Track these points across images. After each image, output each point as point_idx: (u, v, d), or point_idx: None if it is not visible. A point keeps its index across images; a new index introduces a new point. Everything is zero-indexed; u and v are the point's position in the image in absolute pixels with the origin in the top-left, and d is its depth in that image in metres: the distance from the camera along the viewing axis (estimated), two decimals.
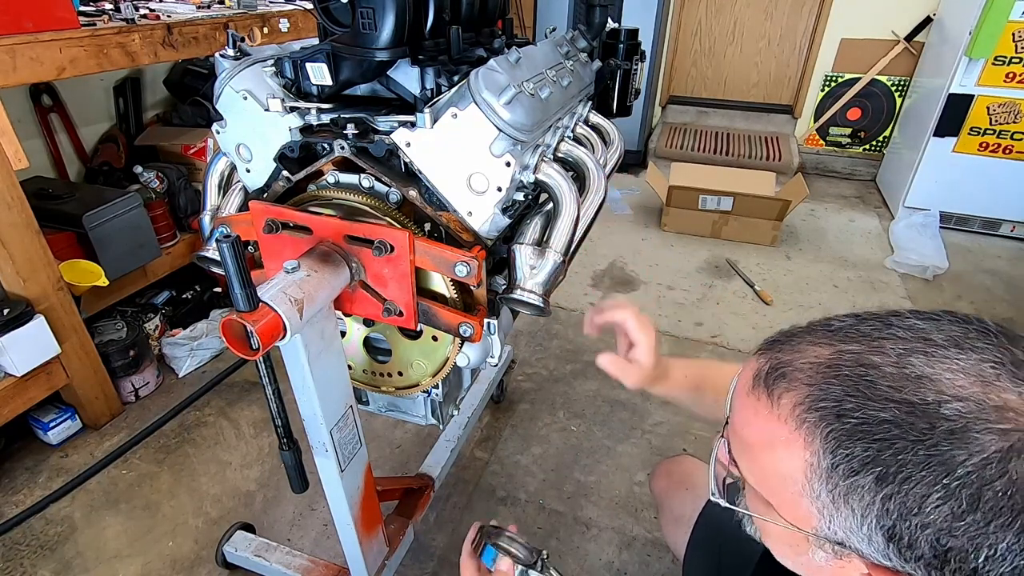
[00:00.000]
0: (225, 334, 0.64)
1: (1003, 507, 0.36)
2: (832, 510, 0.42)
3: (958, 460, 0.36)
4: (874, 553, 0.41)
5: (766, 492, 0.47)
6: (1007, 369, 0.39)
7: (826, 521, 0.43)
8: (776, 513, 0.46)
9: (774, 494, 0.46)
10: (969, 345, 0.40)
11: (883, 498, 0.39)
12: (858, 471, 0.40)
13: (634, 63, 1.24)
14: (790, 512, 0.45)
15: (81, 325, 1.64)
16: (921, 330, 0.42)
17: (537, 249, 0.80)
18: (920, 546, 0.39)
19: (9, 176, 1.37)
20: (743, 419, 0.49)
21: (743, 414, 0.49)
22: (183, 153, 2.09)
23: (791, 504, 0.45)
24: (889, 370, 0.41)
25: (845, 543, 0.43)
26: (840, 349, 0.44)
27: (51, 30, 1.37)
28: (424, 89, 0.86)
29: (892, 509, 0.39)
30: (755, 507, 0.50)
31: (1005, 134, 2.90)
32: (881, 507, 0.39)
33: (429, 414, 1.09)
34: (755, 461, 0.48)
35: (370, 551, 1.12)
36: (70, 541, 1.45)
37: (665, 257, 2.86)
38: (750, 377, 0.49)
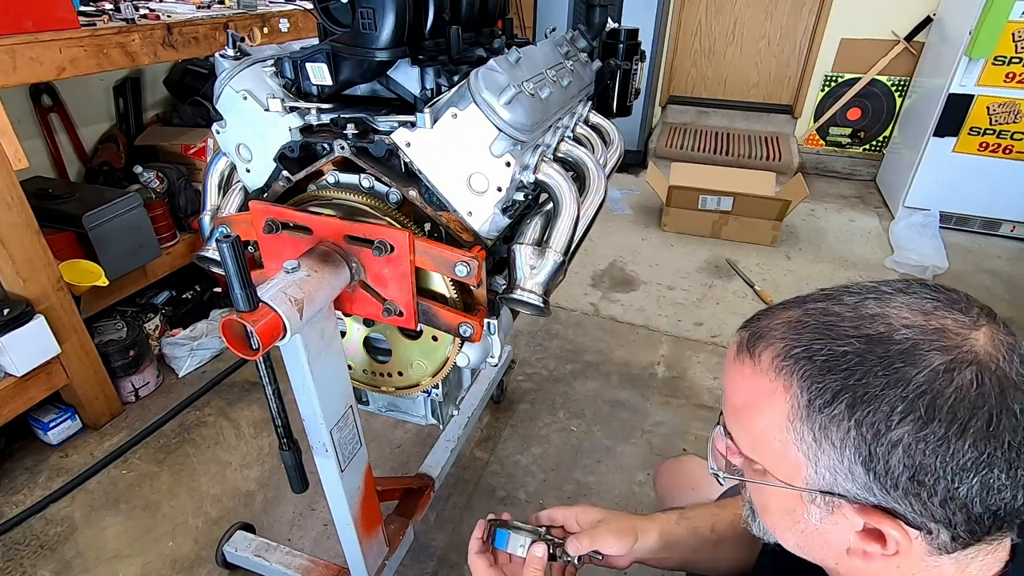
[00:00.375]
0: (225, 334, 0.64)
1: (956, 414, 0.40)
2: (816, 450, 0.45)
3: (911, 375, 0.42)
4: (858, 491, 0.44)
5: (759, 455, 0.50)
6: (942, 303, 0.45)
7: (812, 465, 0.46)
8: (771, 476, 0.50)
9: (766, 453, 0.50)
10: (912, 290, 0.47)
11: (856, 422, 0.43)
12: (831, 402, 0.44)
13: (634, 63, 1.24)
14: (782, 471, 0.49)
15: (81, 325, 1.64)
16: (872, 286, 0.49)
17: (537, 249, 0.80)
18: (895, 469, 0.42)
19: (9, 176, 1.37)
20: (731, 386, 0.53)
21: (731, 382, 0.53)
22: (183, 153, 2.09)
23: (781, 459, 0.48)
24: (848, 314, 0.47)
25: (832, 490, 0.46)
26: (807, 308, 0.49)
27: (51, 30, 1.37)
28: (424, 89, 0.86)
29: (865, 432, 0.43)
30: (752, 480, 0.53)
31: (1005, 134, 2.90)
32: (856, 432, 0.43)
33: (429, 414, 1.09)
34: (745, 424, 0.51)
35: (370, 551, 1.12)
36: (70, 541, 1.45)
37: (665, 257, 2.86)
38: (734, 349, 0.53)
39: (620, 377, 2.00)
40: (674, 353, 2.16)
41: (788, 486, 0.48)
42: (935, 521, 0.43)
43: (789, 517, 0.51)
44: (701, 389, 1.98)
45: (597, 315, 2.39)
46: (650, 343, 2.22)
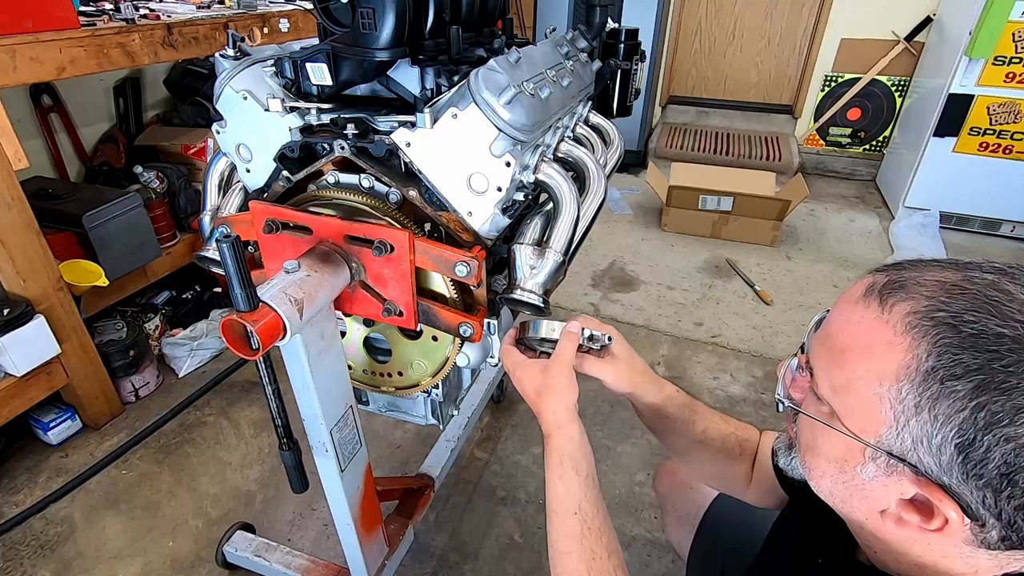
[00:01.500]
0: (225, 334, 0.64)
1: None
2: (912, 415, 0.42)
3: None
4: (933, 466, 0.42)
5: (840, 399, 0.47)
6: None
7: (897, 429, 0.43)
8: (839, 422, 0.47)
9: (849, 399, 0.46)
10: None
11: (975, 406, 0.39)
12: (959, 376, 0.40)
13: (634, 63, 1.24)
14: (857, 422, 0.46)
15: (81, 325, 1.64)
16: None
17: (537, 249, 0.80)
18: (991, 462, 0.39)
19: (9, 176, 1.37)
20: (843, 323, 0.49)
21: (844, 318, 0.49)
22: (183, 153, 2.09)
23: (864, 410, 0.45)
24: (1021, 296, 0.41)
25: (904, 456, 0.43)
26: (970, 275, 0.44)
27: (51, 30, 1.37)
28: (424, 89, 0.86)
29: (981, 418, 0.39)
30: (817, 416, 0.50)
31: (1005, 134, 2.90)
32: (969, 416, 0.39)
33: (429, 414, 1.09)
34: (842, 364, 0.47)
35: (370, 551, 1.12)
36: (70, 541, 1.45)
37: (665, 257, 2.86)
38: (862, 288, 0.48)
39: None
40: (674, 353, 2.16)
41: (857, 437, 0.46)
42: (997, 519, 0.41)
43: (837, 465, 0.49)
44: (701, 389, 1.98)
45: (597, 315, 2.39)
46: (650, 343, 2.22)
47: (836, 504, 0.52)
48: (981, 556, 0.45)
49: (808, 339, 0.55)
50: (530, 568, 1.40)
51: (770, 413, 1.87)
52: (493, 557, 1.43)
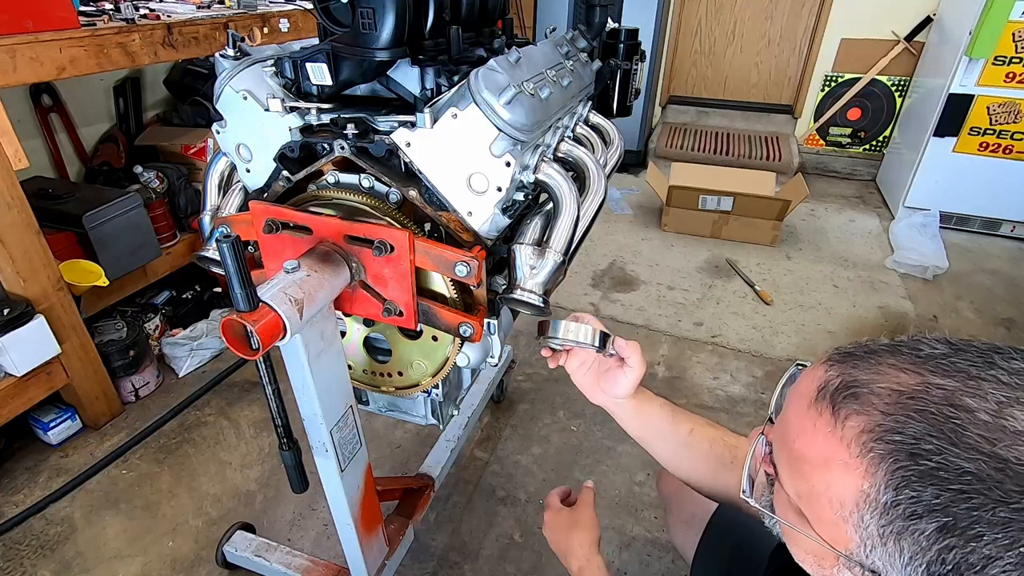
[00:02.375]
0: (225, 334, 0.64)
1: None
2: (876, 542, 0.39)
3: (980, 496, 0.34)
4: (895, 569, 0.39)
5: (805, 507, 0.44)
6: None
7: (865, 550, 0.40)
8: (810, 528, 0.44)
9: (814, 511, 0.43)
10: None
11: (942, 548, 0.36)
12: (921, 515, 0.36)
13: (634, 63, 1.24)
14: (827, 532, 0.43)
15: (81, 325, 1.64)
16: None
17: (537, 249, 0.80)
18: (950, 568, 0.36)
19: (9, 176, 1.37)
20: (798, 430, 0.45)
21: (798, 424, 0.45)
22: (183, 153, 2.09)
23: (830, 525, 0.42)
24: (983, 417, 0.36)
25: (877, 570, 0.40)
26: (928, 381, 0.39)
27: (51, 30, 1.37)
28: (424, 89, 0.86)
29: (949, 561, 0.35)
30: (785, 514, 0.47)
31: (1005, 134, 2.90)
32: (936, 556, 0.36)
33: (429, 414, 1.09)
34: (801, 476, 0.44)
35: (370, 551, 1.12)
36: (70, 541, 1.45)
37: (665, 257, 2.86)
38: (814, 388, 0.44)
39: None
40: (674, 353, 2.16)
41: (830, 547, 0.42)
42: None
43: (816, 560, 0.46)
44: (701, 389, 1.98)
45: (597, 315, 2.39)
46: (650, 343, 2.22)
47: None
48: None
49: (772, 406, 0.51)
50: (530, 568, 1.40)
51: None
52: (493, 557, 1.43)
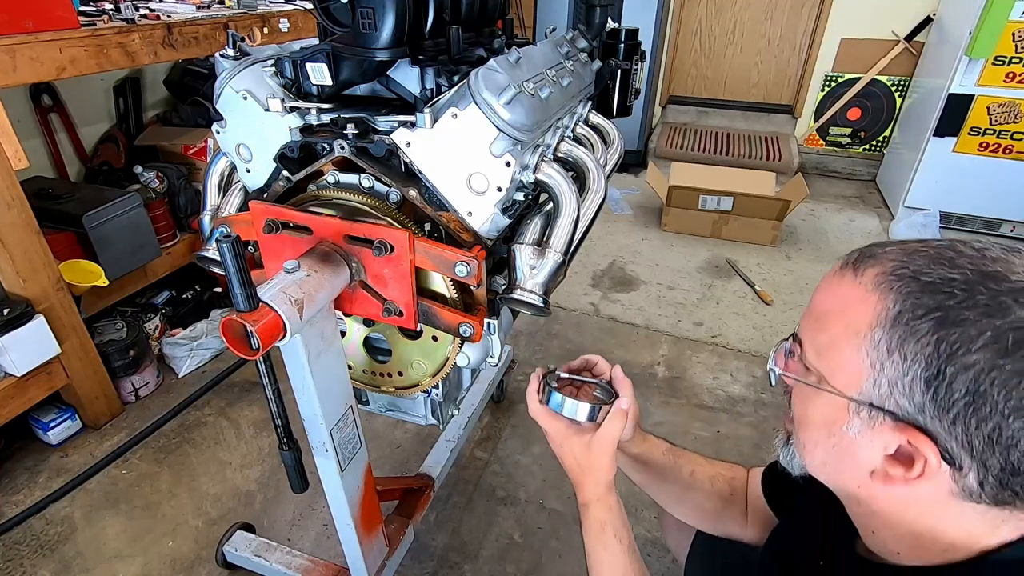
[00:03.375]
0: (225, 334, 0.64)
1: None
2: (885, 359, 0.46)
3: (1014, 310, 0.41)
4: (909, 408, 0.45)
5: (824, 360, 0.51)
6: None
7: (875, 376, 0.47)
8: (827, 384, 0.51)
9: (831, 358, 0.50)
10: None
11: (937, 340, 0.43)
12: (921, 316, 0.44)
13: (634, 63, 1.24)
14: (841, 379, 0.50)
15: (81, 325, 1.64)
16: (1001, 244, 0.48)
17: (537, 249, 0.80)
18: (956, 392, 0.42)
19: (9, 176, 1.37)
20: (821, 296, 0.54)
21: (822, 292, 0.54)
22: (183, 153, 2.09)
23: (845, 365, 0.49)
24: (970, 252, 0.46)
25: (883, 405, 0.47)
26: (928, 242, 0.49)
27: (51, 30, 1.37)
28: (424, 89, 0.86)
29: (943, 350, 0.43)
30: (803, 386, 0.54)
31: (1005, 134, 2.90)
32: (933, 349, 0.43)
33: (429, 414, 1.09)
34: (824, 326, 0.52)
35: (370, 551, 1.12)
36: (70, 541, 1.45)
37: (665, 257, 2.86)
38: (837, 266, 0.53)
39: None
40: (674, 353, 2.16)
41: (841, 394, 0.49)
42: (971, 457, 0.44)
43: (827, 429, 0.52)
44: (701, 389, 1.98)
45: (597, 315, 2.39)
46: (650, 343, 2.22)
47: (830, 477, 0.55)
48: (969, 512, 0.47)
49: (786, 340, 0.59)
50: (530, 568, 1.40)
51: (770, 413, 1.87)
52: (493, 557, 1.43)
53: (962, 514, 0.47)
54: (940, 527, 0.49)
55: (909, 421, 0.46)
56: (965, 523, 0.48)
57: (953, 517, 0.48)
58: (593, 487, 0.73)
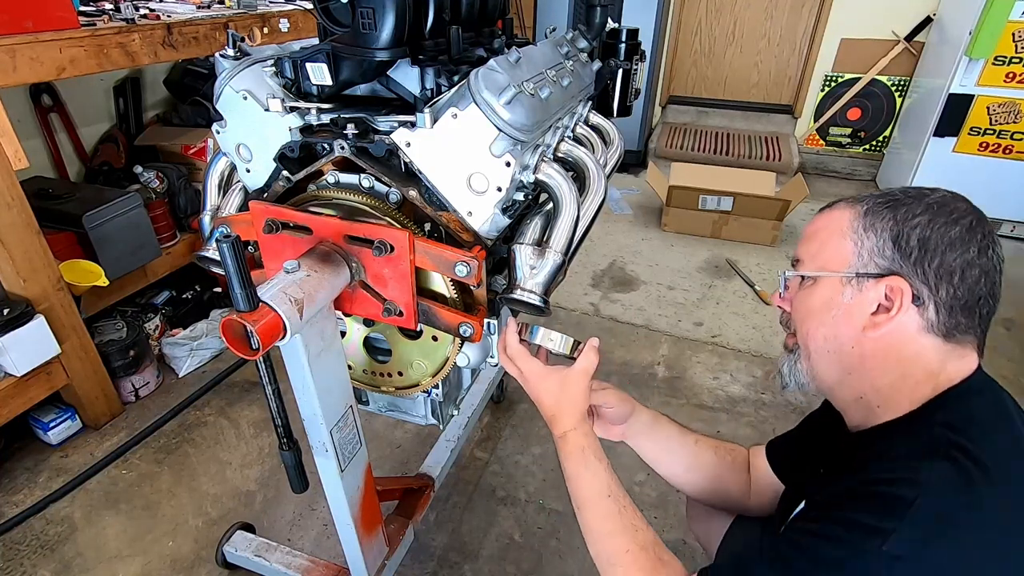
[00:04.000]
0: (225, 334, 0.64)
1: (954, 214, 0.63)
2: (863, 236, 0.66)
3: (931, 195, 0.66)
4: (885, 263, 0.64)
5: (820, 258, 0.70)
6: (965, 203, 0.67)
7: (858, 251, 0.66)
8: (825, 271, 0.69)
9: (825, 251, 0.69)
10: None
11: (893, 217, 0.65)
12: (880, 207, 0.66)
13: (634, 63, 1.24)
14: (834, 264, 0.68)
15: (81, 325, 1.64)
16: None
17: (537, 249, 0.80)
18: (912, 241, 0.63)
19: (9, 176, 1.37)
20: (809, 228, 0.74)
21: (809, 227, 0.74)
22: (183, 153, 2.09)
23: (835, 253, 0.68)
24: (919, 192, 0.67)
25: (866, 270, 0.65)
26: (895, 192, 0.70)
27: (51, 30, 1.37)
28: (424, 89, 0.86)
29: (899, 219, 0.64)
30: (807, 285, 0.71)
31: (1005, 134, 2.90)
32: (893, 222, 0.64)
33: (429, 414, 1.09)
34: (816, 238, 0.71)
35: (370, 551, 1.12)
36: (70, 541, 1.45)
37: (665, 257, 2.86)
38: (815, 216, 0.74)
39: (620, 377, 1.99)
40: (674, 353, 2.16)
41: (836, 273, 0.67)
42: (928, 289, 0.62)
43: (827, 307, 0.68)
44: (701, 389, 1.98)
45: (597, 315, 2.39)
46: (650, 343, 2.22)
47: (831, 355, 0.69)
48: (929, 346, 0.63)
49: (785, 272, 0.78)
50: (530, 568, 1.40)
51: (770, 413, 1.87)
52: (493, 557, 1.43)
53: (925, 349, 0.64)
54: (912, 365, 0.64)
55: (886, 272, 0.64)
56: (927, 358, 0.64)
57: (919, 353, 0.64)
58: (570, 417, 0.79)
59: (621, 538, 0.69)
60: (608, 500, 0.73)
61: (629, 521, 0.71)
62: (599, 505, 0.73)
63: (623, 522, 0.71)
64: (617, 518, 0.71)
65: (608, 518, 0.71)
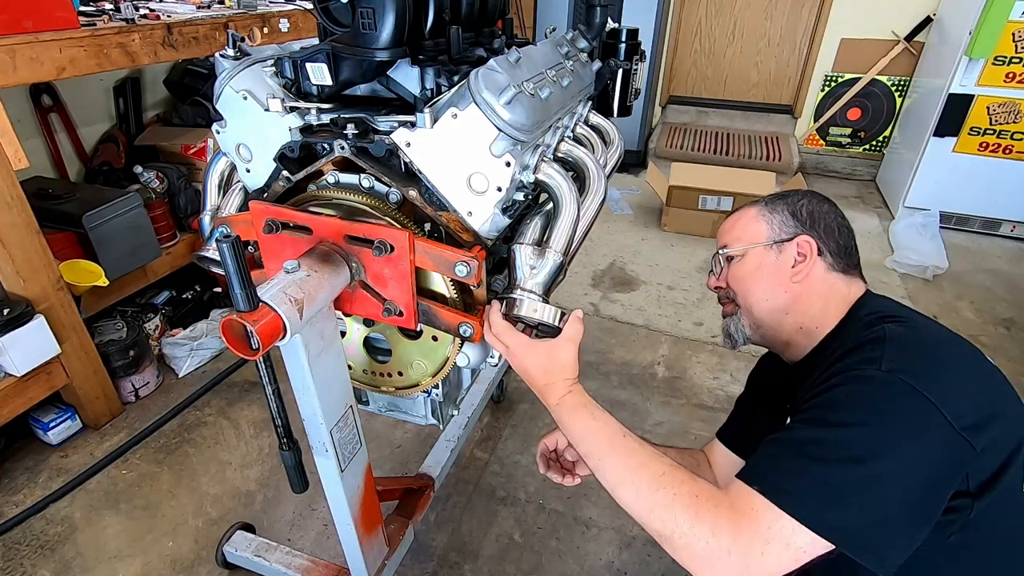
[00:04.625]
0: (225, 334, 0.64)
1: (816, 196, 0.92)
2: (770, 217, 0.90)
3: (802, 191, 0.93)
4: (791, 229, 0.88)
5: (744, 240, 0.92)
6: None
7: (769, 226, 0.90)
8: (752, 244, 0.90)
9: (746, 234, 0.92)
10: None
11: (786, 202, 0.91)
12: (776, 201, 0.92)
13: (634, 63, 1.24)
14: (757, 239, 0.90)
15: (81, 325, 1.64)
16: None
17: (537, 249, 0.80)
18: (803, 213, 0.89)
19: (9, 176, 1.37)
20: (722, 228, 0.97)
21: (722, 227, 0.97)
22: (183, 153, 2.09)
23: (755, 233, 0.91)
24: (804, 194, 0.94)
25: (780, 237, 0.89)
26: None
27: (51, 30, 1.37)
28: (424, 89, 0.86)
29: (790, 203, 0.91)
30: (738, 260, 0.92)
31: (1005, 134, 2.90)
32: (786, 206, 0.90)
33: (429, 414, 1.09)
34: (733, 231, 0.94)
35: (370, 551, 1.12)
36: (70, 541, 1.45)
37: (665, 257, 2.86)
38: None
39: (620, 377, 2.00)
40: (674, 353, 2.16)
41: (760, 244, 0.90)
42: (824, 243, 0.86)
43: (758, 269, 0.89)
44: (701, 389, 1.98)
45: (597, 315, 2.39)
46: (650, 343, 2.22)
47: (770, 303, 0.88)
48: (838, 282, 0.86)
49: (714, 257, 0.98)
50: (530, 568, 1.40)
51: None
52: (493, 557, 1.43)
53: (834, 281, 0.86)
54: (830, 292, 0.85)
55: (795, 235, 0.87)
56: (838, 286, 0.86)
57: (832, 284, 0.86)
58: (562, 383, 0.79)
59: (653, 464, 0.71)
60: (625, 439, 0.75)
61: (651, 450, 0.74)
62: (619, 444, 0.75)
63: (647, 451, 0.73)
64: (641, 449, 0.74)
65: (632, 453, 0.74)
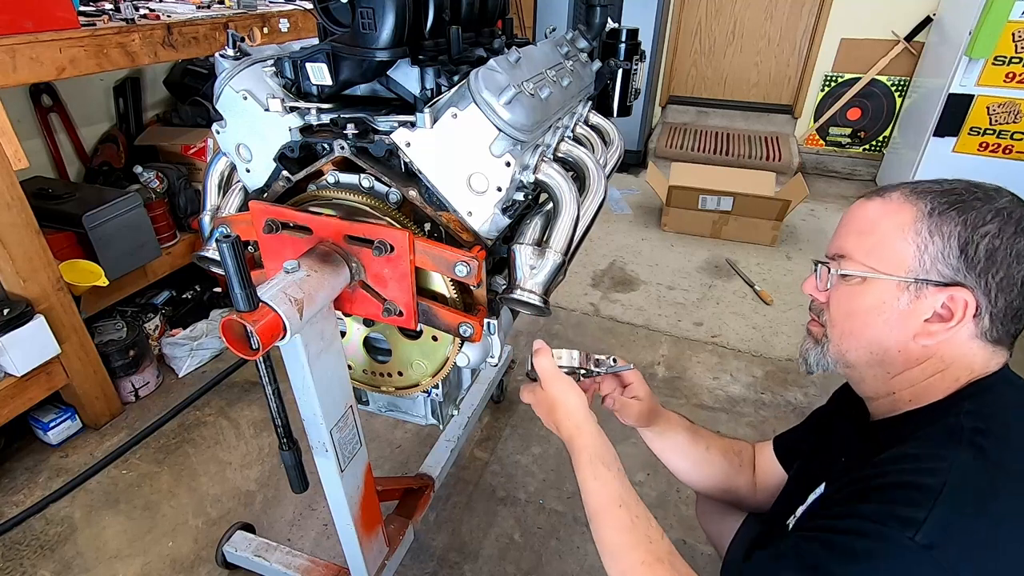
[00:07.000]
0: (225, 334, 0.64)
1: (1020, 224, 0.60)
2: (928, 241, 0.62)
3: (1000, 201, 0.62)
4: (948, 272, 0.61)
5: (875, 256, 0.66)
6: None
7: (919, 255, 0.63)
8: (880, 272, 0.65)
9: (881, 251, 0.65)
10: None
11: (962, 221, 0.61)
12: (947, 209, 0.62)
13: (634, 63, 1.24)
14: (891, 266, 0.64)
15: (81, 325, 1.64)
16: None
17: (537, 249, 0.80)
18: (980, 251, 0.60)
19: (9, 176, 1.37)
20: (853, 218, 0.70)
21: (854, 216, 0.70)
22: (183, 153, 2.09)
23: (893, 255, 0.64)
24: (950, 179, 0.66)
25: (927, 277, 0.62)
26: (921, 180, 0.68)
27: (51, 30, 1.37)
28: (424, 89, 0.86)
29: (968, 224, 0.61)
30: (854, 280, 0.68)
31: (1005, 134, 2.90)
32: (962, 227, 0.61)
33: (429, 414, 1.09)
34: (872, 231, 0.67)
35: (370, 551, 1.12)
36: (70, 541, 1.45)
37: (665, 257, 2.86)
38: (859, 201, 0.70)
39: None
40: (674, 353, 2.16)
41: (894, 276, 0.64)
42: (988, 300, 0.61)
43: (876, 310, 0.66)
44: (701, 389, 1.98)
45: (597, 315, 2.39)
46: (650, 343, 2.22)
47: (873, 355, 0.67)
48: (977, 351, 0.63)
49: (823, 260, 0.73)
50: (530, 568, 1.40)
51: (770, 413, 1.87)
52: (493, 557, 1.43)
53: (972, 353, 0.63)
54: (955, 367, 0.64)
55: (950, 281, 0.61)
56: (971, 360, 0.64)
57: (966, 356, 0.63)
58: (567, 419, 0.76)
59: (636, 552, 0.65)
60: (620, 511, 0.68)
61: (643, 533, 0.66)
62: (612, 516, 0.68)
63: (637, 535, 0.66)
64: (630, 530, 0.67)
65: (622, 531, 0.67)
